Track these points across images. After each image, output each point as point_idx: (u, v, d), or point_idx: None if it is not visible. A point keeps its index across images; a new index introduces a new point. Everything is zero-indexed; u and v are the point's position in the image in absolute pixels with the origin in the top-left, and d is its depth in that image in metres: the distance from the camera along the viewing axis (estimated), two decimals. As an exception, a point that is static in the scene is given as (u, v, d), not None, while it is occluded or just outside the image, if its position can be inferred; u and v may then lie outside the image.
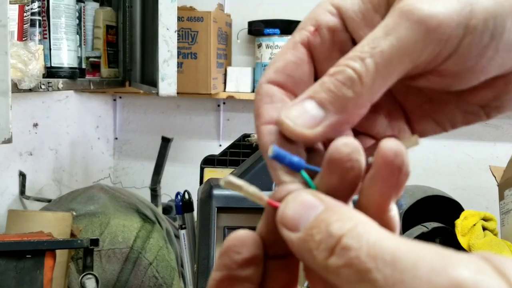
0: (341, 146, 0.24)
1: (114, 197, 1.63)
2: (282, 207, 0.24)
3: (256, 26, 2.28)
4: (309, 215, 0.22)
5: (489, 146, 2.41)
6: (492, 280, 0.18)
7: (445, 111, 0.30)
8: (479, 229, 1.71)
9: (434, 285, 0.18)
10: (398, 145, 0.23)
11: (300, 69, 0.28)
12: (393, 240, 0.20)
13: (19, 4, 1.28)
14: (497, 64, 0.27)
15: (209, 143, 2.53)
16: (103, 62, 1.74)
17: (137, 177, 2.58)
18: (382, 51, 0.24)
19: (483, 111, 0.30)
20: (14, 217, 1.46)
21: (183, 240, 1.38)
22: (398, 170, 0.23)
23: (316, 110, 0.25)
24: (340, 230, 0.21)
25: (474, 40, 0.25)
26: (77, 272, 1.42)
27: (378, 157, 0.23)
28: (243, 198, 0.62)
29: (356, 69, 0.25)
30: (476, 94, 0.29)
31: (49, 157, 2.01)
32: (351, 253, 0.20)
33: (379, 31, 0.25)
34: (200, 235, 0.90)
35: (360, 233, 0.21)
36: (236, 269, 0.25)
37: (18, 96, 1.75)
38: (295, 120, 0.25)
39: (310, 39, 0.28)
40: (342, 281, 0.20)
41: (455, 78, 0.27)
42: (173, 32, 1.44)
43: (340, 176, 0.24)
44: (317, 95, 0.25)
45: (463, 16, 0.25)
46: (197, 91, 2.12)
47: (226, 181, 0.25)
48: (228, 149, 1.43)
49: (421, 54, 0.25)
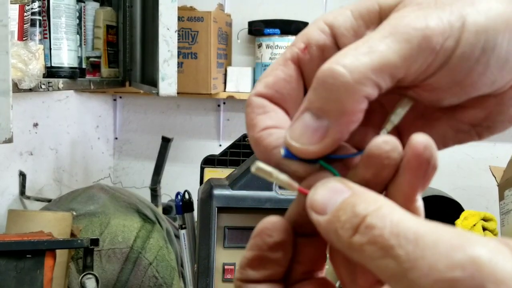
0: (382, 144, 0.25)
1: (114, 197, 1.63)
2: (312, 192, 0.25)
3: (256, 26, 2.28)
4: (337, 199, 0.24)
5: (489, 146, 2.41)
6: (507, 260, 0.19)
7: (437, 128, 0.31)
8: (479, 229, 1.71)
9: (452, 260, 0.20)
10: (428, 139, 0.24)
11: (289, 86, 0.29)
12: (415, 221, 0.21)
13: (19, 4, 1.28)
14: (488, 81, 0.27)
15: (209, 143, 2.53)
16: (103, 62, 1.74)
17: (137, 177, 2.58)
18: (378, 50, 0.25)
19: (475, 131, 0.30)
20: (14, 217, 1.46)
21: (183, 240, 1.38)
22: (427, 162, 0.24)
23: (316, 122, 0.25)
24: (365, 211, 0.22)
25: (465, 53, 0.25)
26: (77, 272, 1.42)
27: (409, 149, 0.24)
28: (244, 198, 0.62)
29: (346, 65, 0.24)
30: (467, 112, 0.29)
31: (49, 157, 2.01)
32: (375, 231, 0.21)
33: (375, 35, 0.25)
34: (200, 235, 0.90)
35: (385, 213, 0.22)
36: (267, 250, 0.26)
37: (18, 96, 1.75)
38: (300, 140, 0.26)
39: (300, 56, 0.29)
40: (365, 258, 0.22)
41: (445, 92, 0.27)
42: (174, 32, 1.44)
43: (375, 171, 0.25)
44: (312, 105, 0.25)
45: (456, 29, 0.25)
46: (197, 91, 2.12)
47: (257, 167, 0.26)
48: (228, 149, 1.43)
49: (415, 61, 0.25)
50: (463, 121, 0.30)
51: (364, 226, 0.22)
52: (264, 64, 2.25)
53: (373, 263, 0.21)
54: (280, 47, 2.22)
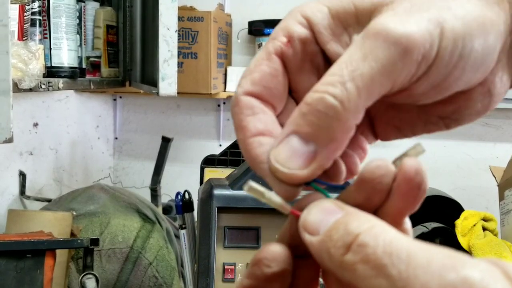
0: (375, 169, 0.25)
1: (114, 197, 1.63)
2: (305, 213, 0.25)
3: (256, 26, 2.28)
4: (329, 220, 0.23)
5: (489, 146, 2.41)
6: (499, 282, 0.19)
7: (407, 120, 0.31)
8: (479, 229, 1.71)
9: (445, 280, 0.20)
10: (419, 164, 0.24)
11: (275, 80, 0.28)
12: (408, 240, 0.21)
13: (19, 3, 1.28)
14: (462, 83, 0.27)
15: (209, 143, 2.53)
16: (103, 62, 1.74)
17: (137, 177, 2.58)
18: (362, 74, 0.24)
19: (443, 122, 0.31)
20: (14, 217, 1.46)
21: (183, 240, 1.38)
22: (418, 187, 0.24)
23: (304, 147, 0.25)
24: (357, 229, 0.22)
25: (444, 61, 0.26)
26: (77, 272, 1.42)
27: (400, 174, 0.24)
28: (244, 198, 0.62)
29: (336, 95, 0.24)
30: (437, 107, 0.30)
31: (49, 157, 2.01)
32: (368, 249, 0.21)
33: (356, 53, 0.25)
34: (200, 235, 0.90)
35: (377, 232, 0.22)
36: (264, 281, 0.26)
37: (18, 95, 1.75)
38: (287, 164, 0.26)
39: (283, 50, 0.28)
40: (357, 278, 0.21)
41: (420, 96, 0.28)
42: (174, 32, 1.44)
43: (367, 196, 0.25)
44: (301, 129, 0.25)
45: (435, 37, 0.25)
46: (197, 91, 2.12)
47: (249, 187, 0.26)
48: (228, 149, 1.43)
49: (400, 74, 0.25)
50: (432, 114, 0.30)
51: (356, 244, 0.22)
52: (264, 64, 2.25)
53: (365, 282, 0.21)
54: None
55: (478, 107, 0.30)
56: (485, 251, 1.62)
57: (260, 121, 0.27)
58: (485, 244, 1.64)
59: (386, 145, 2.41)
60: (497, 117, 2.36)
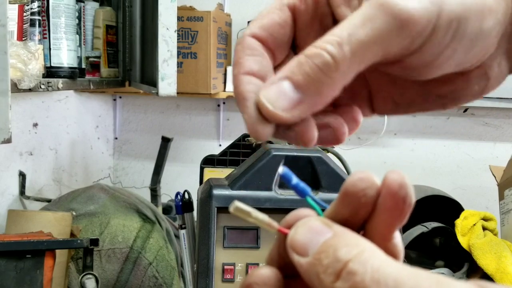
0: (357, 181, 0.25)
1: (114, 197, 1.63)
2: (292, 232, 0.25)
3: (256, 26, 2.28)
4: (318, 240, 0.24)
5: (489, 146, 2.41)
6: None
7: (406, 95, 0.32)
8: (479, 229, 1.71)
9: None
10: (402, 177, 0.24)
11: (282, 31, 0.30)
12: (396, 266, 0.21)
13: (18, 3, 1.28)
14: (454, 63, 0.28)
15: (209, 143, 2.53)
16: (103, 62, 1.74)
17: (137, 177, 2.58)
18: (359, 39, 0.25)
19: (440, 101, 0.32)
20: (14, 217, 1.46)
21: (183, 240, 1.37)
22: (403, 201, 0.24)
23: (293, 93, 0.26)
24: (347, 255, 0.22)
25: (438, 39, 0.26)
26: (77, 272, 1.42)
27: (384, 189, 0.24)
28: (243, 198, 0.61)
29: (333, 54, 0.25)
30: (437, 86, 0.31)
31: (49, 157, 2.01)
32: (357, 277, 0.21)
33: (357, 18, 0.26)
34: (200, 235, 0.90)
35: (366, 258, 0.22)
36: None
37: (18, 96, 1.75)
38: (273, 103, 0.26)
39: (296, 5, 0.30)
40: None
41: (413, 71, 0.29)
42: (173, 32, 1.44)
43: (353, 210, 0.25)
44: (294, 76, 0.26)
45: (433, 15, 0.26)
46: (197, 91, 2.12)
47: (235, 207, 0.26)
48: (228, 149, 1.43)
49: (393, 45, 0.26)
50: (431, 92, 0.31)
51: (346, 272, 0.22)
52: (264, 64, 2.25)
53: None
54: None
55: (475, 89, 0.31)
56: (485, 251, 1.62)
57: (256, 63, 0.28)
58: (485, 244, 1.63)
59: (386, 145, 2.41)
60: (497, 117, 2.36)
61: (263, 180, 0.90)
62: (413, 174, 2.41)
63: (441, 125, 2.41)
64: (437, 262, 1.80)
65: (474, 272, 1.68)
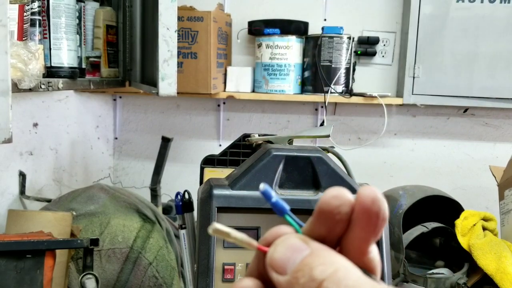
0: (331, 199, 0.25)
1: (114, 197, 1.63)
2: (271, 250, 0.25)
3: (256, 26, 2.28)
4: (296, 258, 0.24)
5: (489, 146, 2.41)
6: None
7: None
8: (479, 229, 1.71)
9: None
10: (375, 192, 0.24)
11: None
12: (370, 284, 0.22)
13: (19, 3, 1.28)
14: None
15: (209, 143, 2.53)
16: (103, 62, 1.74)
17: (137, 177, 2.58)
18: None
19: None
20: (14, 217, 1.46)
21: (183, 240, 1.37)
22: (376, 216, 0.24)
23: None
24: (322, 275, 0.23)
25: None
26: (77, 272, 1.42)
27: (357, 205, 0.25)
28: (243, 198, 0.62)
29: None
30: None
31: (49, 157, 2.01)
32: None
33: None
34: (200, 235, 0.90)
35: (340, 278, 0.22)
36: None
37: (18, 96, 1.75)
38: None
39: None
40: None
41: None
42: (173, 32, 1.44)
43: (329, 227, 0.25)
44: None
45: None
46: (197, 91, 2.12)
47: (214, 228, 0.27)
48: (228, 149, 1.43)
49: None
50: None
51: None
52: (264, 64, 2.25)
53: None
54: (280, 46, 2.22)
55: None
56: (485, 251, 1.62)
57: None
58: (485, 244, 1.63)
59: (386, 145, 2.41)
60: (497, 117, 2.36)
61: (263, 180, 0.90)
62: (413, 174, 2.41)
63: (441, 125, 2.41)
64: (437, 262, 1.80)
65: (474, 272, 1.68)
